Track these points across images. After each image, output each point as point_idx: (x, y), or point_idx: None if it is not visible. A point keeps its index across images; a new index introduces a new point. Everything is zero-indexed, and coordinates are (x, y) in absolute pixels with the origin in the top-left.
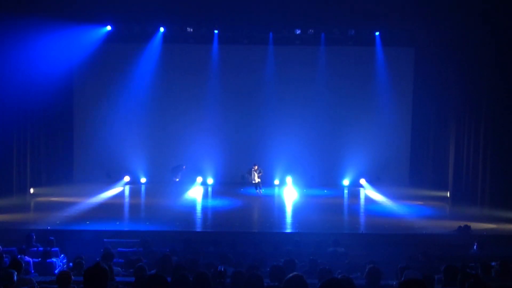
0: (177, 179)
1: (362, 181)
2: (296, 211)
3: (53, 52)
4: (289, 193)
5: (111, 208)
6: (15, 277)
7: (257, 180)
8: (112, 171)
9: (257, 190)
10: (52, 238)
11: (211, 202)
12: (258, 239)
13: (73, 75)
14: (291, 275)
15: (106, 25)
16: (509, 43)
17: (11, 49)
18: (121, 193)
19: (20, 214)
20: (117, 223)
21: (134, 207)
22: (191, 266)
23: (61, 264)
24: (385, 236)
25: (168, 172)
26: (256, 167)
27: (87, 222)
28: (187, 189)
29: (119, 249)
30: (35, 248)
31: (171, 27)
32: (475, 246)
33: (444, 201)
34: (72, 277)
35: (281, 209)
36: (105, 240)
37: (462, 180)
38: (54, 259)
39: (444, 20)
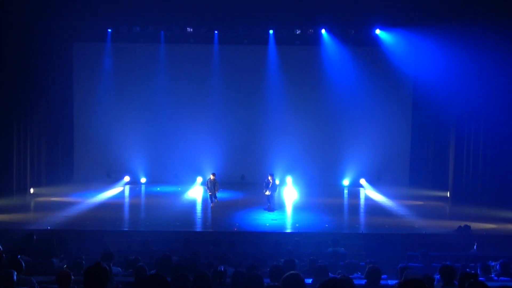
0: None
1: (362, 181)
2: (296, 211)
3: (55, 53)
4: (289, 193)
5: (111, 208)
6: (15, 277)
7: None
8: (112, 171)
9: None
10: (52, 238)
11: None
12: (258, 239)
13: (73, 75)
14: (288, 273)
15: (107, 26)
16: (509, 42)
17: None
18: (121, 193)
19: (20, 214)
20: (117, 223)
21: (134, 207)
22: (191, 266)
23: (61, 264)
24: (385, 236)
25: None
26: (270, 178)
27: (87, 222)
28: (187, 189)
29: (119, 249)
30: (35, 248)
31: (171, 27)
32: (475, 246)
33: (444, 201)
34: (72, 277)
35: (281, 209)
36: (105, 240)
37: (462, 180)
38: (54, 259)
39: (444, 20)
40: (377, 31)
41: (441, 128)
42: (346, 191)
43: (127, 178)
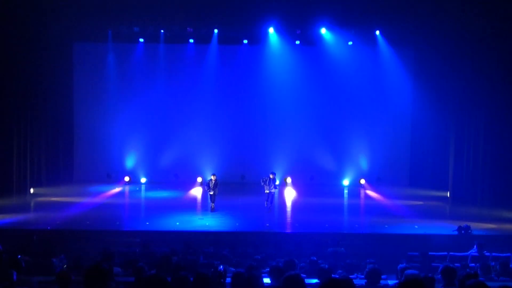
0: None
1: (362, 181)
2: (296, 211)
3: (55, 53)
4: (289, 193)
5: (111, 208)
6: (15, 277)
7: (267, 191)
8: (112, 171)
9: (266, 203)
10: (52, 238)
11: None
12: (258, 239)
13: (73, 76)
14: (288, 273)
15: (107, 26)
16: (509, 42)
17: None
18: (121, 193)
19: (20, 214)
20: (117, 223)
21: (134, 207)
22: (191, 266)
23: (60, 264)
24: (385, 236)
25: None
26: (271, 176)
27: (87, 222)
28: (187, 189)
29: (119, 249)
30: (35, 248)
31: (171, 27)
32: (475, 246)
33: (444, 201)
34: (72, 277)
35: (281, 209)
36: (105, 240)
37: (462, 180)
38: (54, 259)
39: (444, 20)
40: (377, 32)
41: (441, 128)
42: (346, 191)
43: (127, 178)
